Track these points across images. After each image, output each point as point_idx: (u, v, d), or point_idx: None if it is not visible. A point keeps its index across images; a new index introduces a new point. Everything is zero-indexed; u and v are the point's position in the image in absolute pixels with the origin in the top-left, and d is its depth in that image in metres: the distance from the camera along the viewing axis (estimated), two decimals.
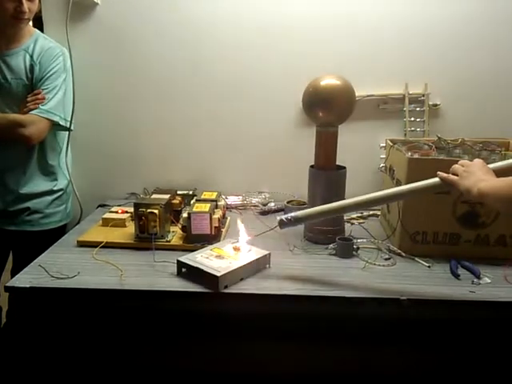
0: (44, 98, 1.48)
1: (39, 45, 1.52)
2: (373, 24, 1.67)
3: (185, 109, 1.78)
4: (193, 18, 1.69)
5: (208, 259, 1.20)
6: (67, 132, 1.62)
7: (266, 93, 1.75)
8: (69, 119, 1.57)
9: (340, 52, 1.69)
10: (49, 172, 1.60)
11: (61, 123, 1.53)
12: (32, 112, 1.46)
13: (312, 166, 1.46)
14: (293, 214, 1.19)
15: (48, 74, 1.50)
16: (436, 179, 1.09)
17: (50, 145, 1.58)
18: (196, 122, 1.79)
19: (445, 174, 1.07)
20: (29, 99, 1.48)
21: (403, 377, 1.15)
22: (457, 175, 1.05)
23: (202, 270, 1.13)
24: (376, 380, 1.20)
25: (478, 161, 1.05)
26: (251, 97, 1.76)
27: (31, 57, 1.50)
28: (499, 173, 1.03)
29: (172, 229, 1.41)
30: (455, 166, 1.07)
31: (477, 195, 0.97)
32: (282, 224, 1.20)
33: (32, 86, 1.49)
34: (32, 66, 1.49)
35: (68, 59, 1.58)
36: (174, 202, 1.49)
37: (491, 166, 1.06)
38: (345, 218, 1.52)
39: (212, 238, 1.34)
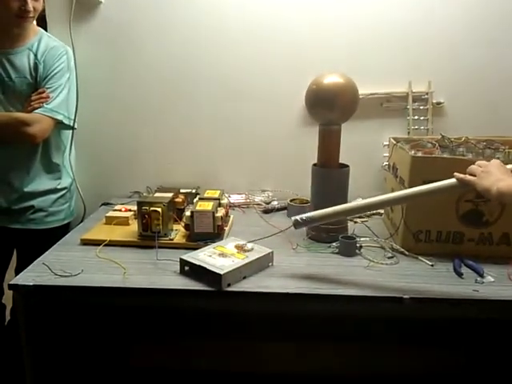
0: (48, 97, 1.49)
1: (43, 43, 1.52)
2: (376, 21, 1.66)
3: (188, 107, 1.78)
4: (197, 17, 1.69)
5: (211, 257, 1.20)
6: (71, 130, 1.63)
7: (268, 91, 1.74)
8: (72, 118, 1.58)
9: (343, 50, 1.68)
10: (53, 170, 1.60)
11: (65, 122, 1.54)
12: (36, 111, 1.46)
13: (315, 165, 1.45)
14: (308, 215, 1.20)
15: (52, 73, 1.51)
16: (452, 180, 1.08)
17: (53, 143, 1.59)
18: (199, 121, 1.79)
19: (462, 175, 1.06)
20: (33, 98, 1.48)
21: (404, 376, 1.15)
22: (474, 175, 1.04)
23: (205, 268, 1.14)
24: (379, 380, 1.20)
25: (495, 161, 1.05)
26: (254, 95, 1.75)
27: (35, 55, 1.50)
28: None
29: (175, 227, 1.42)
30: (473, 167, 1.06)
31: (496, 195, 0.97)
32: (296, 224, 1.20)
33: (36, 84, 1.50)
34: (36, 65, 1.50)
35: (72, 58, 1.59)
36: (177, 200, 1.49)
37: (509, 166, 1.06)
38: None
39: (215, 237, 1.34)
